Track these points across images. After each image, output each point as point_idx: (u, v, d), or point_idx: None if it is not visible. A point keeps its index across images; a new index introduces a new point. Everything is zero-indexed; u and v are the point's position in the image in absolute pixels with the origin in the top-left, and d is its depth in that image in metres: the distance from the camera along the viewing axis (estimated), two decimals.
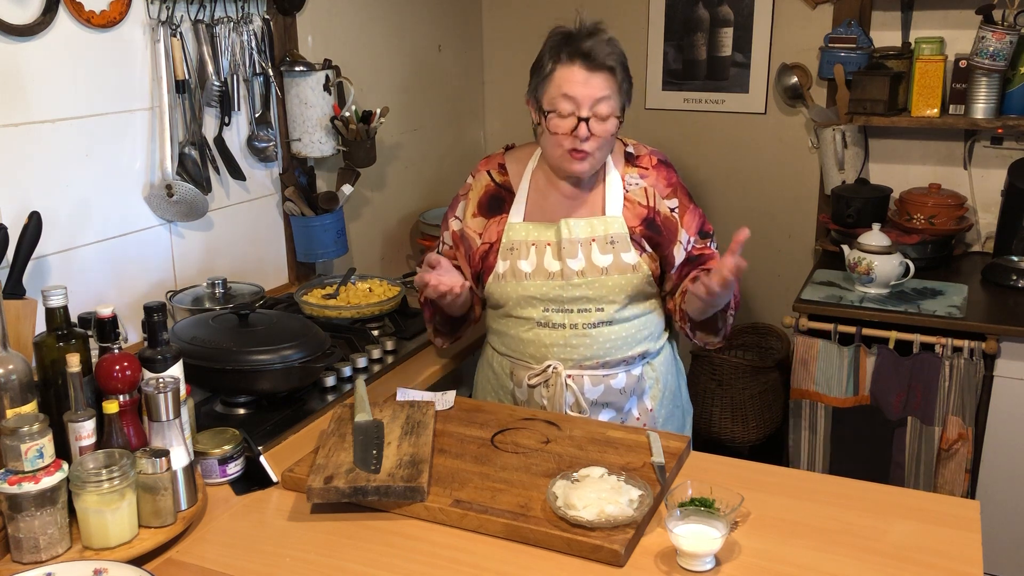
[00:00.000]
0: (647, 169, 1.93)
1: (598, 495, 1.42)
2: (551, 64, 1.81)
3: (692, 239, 1.93)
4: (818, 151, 3.22)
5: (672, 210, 1.91)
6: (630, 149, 1.96)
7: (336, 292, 2.34)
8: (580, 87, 1.76)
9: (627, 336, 1.91)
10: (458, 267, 2.00)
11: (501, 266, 1.91)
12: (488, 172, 2.00)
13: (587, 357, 1.89)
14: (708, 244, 1.96)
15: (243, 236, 2.54)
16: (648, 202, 1.90)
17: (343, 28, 2.85)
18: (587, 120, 1.77)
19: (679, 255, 1.91)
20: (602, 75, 1.77)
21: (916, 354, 2.59)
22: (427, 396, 1.85)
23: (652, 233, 1.89)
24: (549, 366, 1.89)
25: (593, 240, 1.86)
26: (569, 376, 1.89)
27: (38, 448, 1.33)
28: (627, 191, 1.90)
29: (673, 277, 1.93)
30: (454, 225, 2.02)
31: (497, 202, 1.96)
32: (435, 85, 3.41)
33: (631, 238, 1.87)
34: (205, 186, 2.31)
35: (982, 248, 3.14)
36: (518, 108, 3.73)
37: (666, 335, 2.04)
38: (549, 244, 1.87)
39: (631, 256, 1.86)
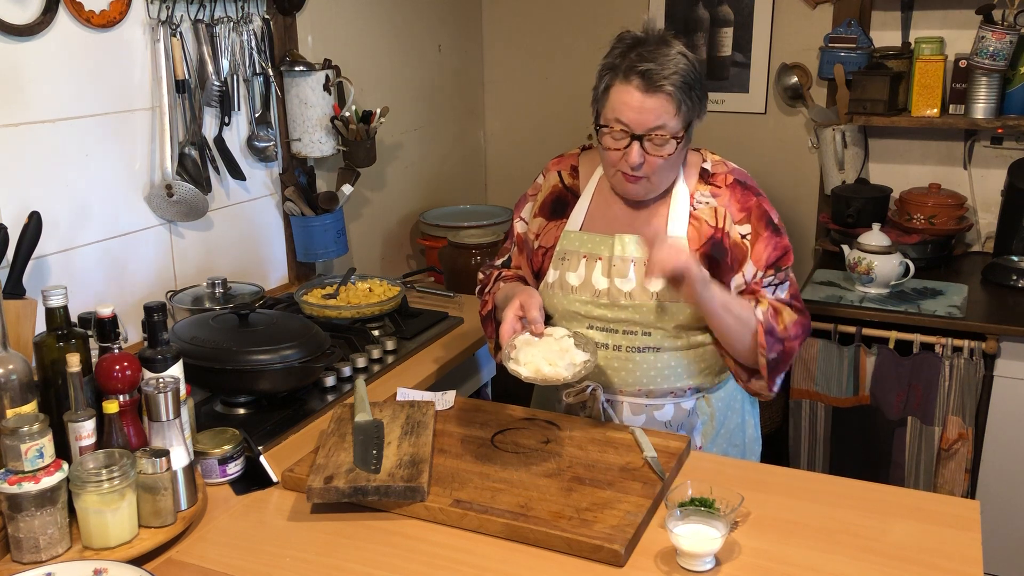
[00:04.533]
0: (720, 188, 1.74)
1: (544, 355, 1.56)
2: (608, 78, 1.65)
3: (759, 272, 1.72)
4: (818, 151, 3.22)
5: (743, 237, 1.71)
6: (707, 165, 1.77)
7: (336, 292, 2.34)
8: (634, 112, 1.60)
9: (676, 366, 1.75)
10: (521, 276, 1.90)
11: (551, 275, 1.79)
12: (559, 173, 1.87)
13: (628, 383, 1.76)
14: (770, 278, 1.72)
15: (243, 236, 2.54)
16: (717, 223, 1.72)
17: (343, 28, 2.85)
18: (640, 139, 1.62)
19: (735, 287, 1.72)
20: (660, 98, 1.59)
21: (916, 354, 2.59)
22: (427, 396, 1.85)
23: (715, 255, 1.70)
24: (588, 387, 1.75)
25: (647, 260, 1.70)
26: (608, 400, 1.77)
27: (38, 448, 1.33)
28: (695, 209, 1.73)
29: None
30: (519, 227, 1.91)
31: (561, 205, 1.83)
32: (435, 85, 3.41)
33: None
34: (205, 186, 2.31)
35: (982, 248, 3.14)
36: (518, 108, 3.74)
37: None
38: (600, 259, 1.74)
39: None
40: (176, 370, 1.53)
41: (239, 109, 2.44)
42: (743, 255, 1.72)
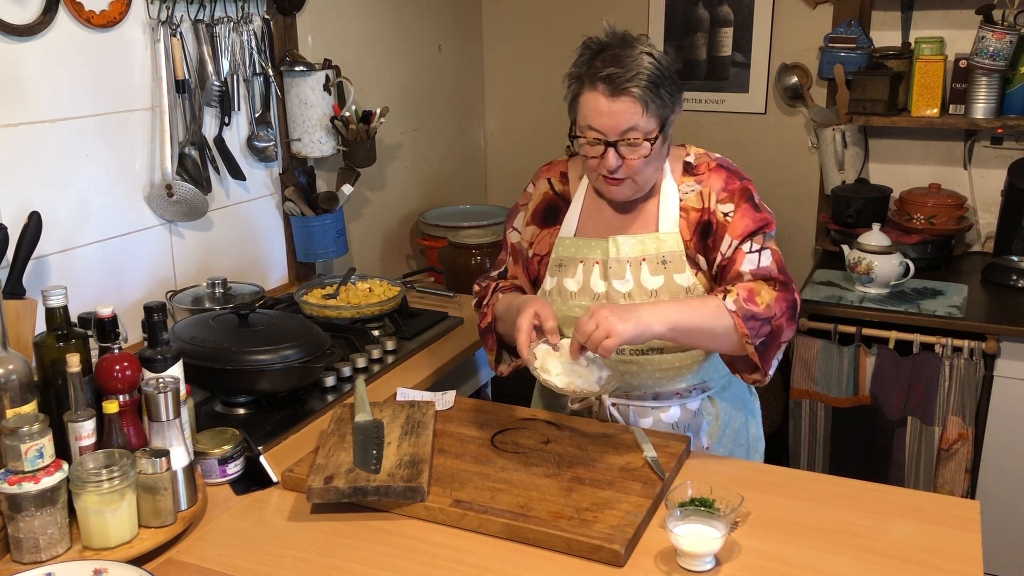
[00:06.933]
0: (703, 175, 1.74)
1: (572, 367, 1.58)
2: (575, 87, 1.67)
3: (734, 242, 1.68)
4: (818, 151, 3.22)
5: (726, 215, 1.70)
6: (690, 159, 1.77)
7: (336, 292, 2.34)
8: (604, 117, 1.61)
9: (680, 367, 1.74)
10: (519, 287, 1.89)
11: (549, 282, 1.79)
12: (549, 180, 1.86)
13: (634, 387, 1.76)
14: (748, 244, 1.67)
15: (243, 236, 2.54)
16: (704, 203, 1.72)
17: (343, 28, 2.85)
18: (615, 145, 1.63)
19: (716, 265, 1.71)
20: (627, 100, 1.59)
21: (916, 354, 2.59)
22: (427, 396, 1.85)
23: (707, 234, 1.71)
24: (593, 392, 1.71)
25: (643, 260, 1.71)
26: (614, 405, 1.77)
27: (38, 448, 1.33)
28: (682, 200, 1.74)
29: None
30: (512, 238, 1.89)
31: (552, 212, 1.83)
32: (435, 85, 3.41)
33: (686, 255, 1.71)
34: (205, 186, 2.31)
35: (982, 248, 3.14)
36: (518, 108, 3.74)
37: None
38: (597, 262, 1.74)
39: (685, 277, 1.70)
40: (176, 370, 1.53)
41: (239, 109, 2.44)
42: (724, 233, 1.69)
